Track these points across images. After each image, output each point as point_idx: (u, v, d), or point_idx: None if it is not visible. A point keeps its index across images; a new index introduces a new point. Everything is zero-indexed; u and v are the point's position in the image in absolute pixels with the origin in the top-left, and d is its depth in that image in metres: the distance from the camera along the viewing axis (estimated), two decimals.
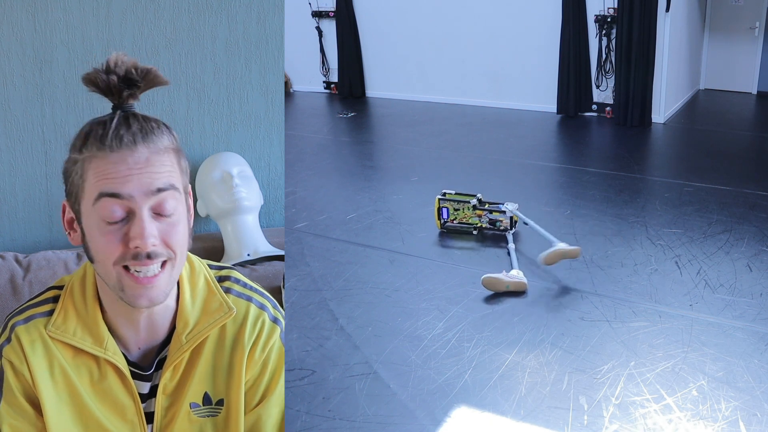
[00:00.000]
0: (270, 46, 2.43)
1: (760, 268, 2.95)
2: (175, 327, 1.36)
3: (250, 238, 2.29)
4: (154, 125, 1.24)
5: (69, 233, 1.31)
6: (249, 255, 2.26)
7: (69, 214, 1.30)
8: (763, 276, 2.88)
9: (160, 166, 1.22)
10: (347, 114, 6.62)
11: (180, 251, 1.27)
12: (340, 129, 6.12)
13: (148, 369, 1.36)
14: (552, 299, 2.76)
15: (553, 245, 2.93)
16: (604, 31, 6.03)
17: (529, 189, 4.19)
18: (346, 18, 7.26)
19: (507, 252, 3.17)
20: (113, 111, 1.26)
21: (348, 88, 7.45)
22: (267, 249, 2.30)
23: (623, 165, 4.70)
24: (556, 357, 2.34)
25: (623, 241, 3.28)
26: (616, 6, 5.86)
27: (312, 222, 3.65)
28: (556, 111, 6.32)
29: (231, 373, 1.38)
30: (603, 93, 6.22)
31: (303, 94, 7.69)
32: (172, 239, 1.24)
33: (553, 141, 5.79)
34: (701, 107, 6.94)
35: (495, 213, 3.42)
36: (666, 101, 6.01)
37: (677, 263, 3.02)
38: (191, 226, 1.34)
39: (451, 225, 3.47)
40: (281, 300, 2.09)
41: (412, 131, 5.85)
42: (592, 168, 4.60)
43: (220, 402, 1.38)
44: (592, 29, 6.12)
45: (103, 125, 1.22)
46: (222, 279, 1.42)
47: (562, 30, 6.12)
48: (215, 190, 2.30)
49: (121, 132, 1.20)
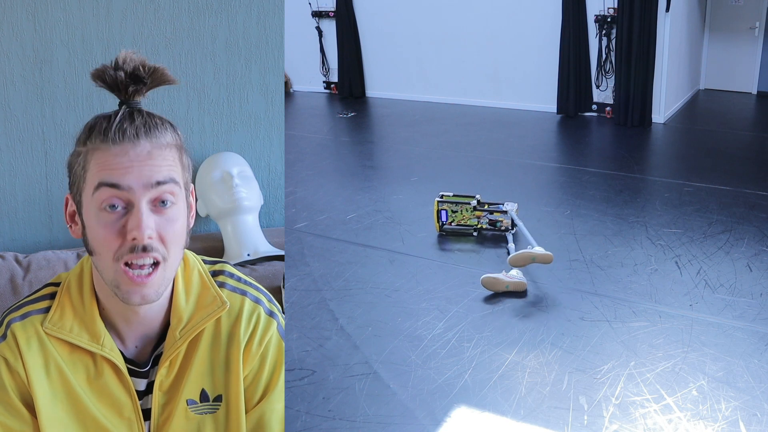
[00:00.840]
0: (270, 46, 2.42)
1: (760, 268, 2.95)
2: (170, 323, 1.36)
3: (250, 238, 2.29)
4: (158, 121, 1.26)
5: (70, 226, 1.33)
6: (249, 255, 2.26)
7: (71, 207, 1.31)
8: (763, 276, 2.88)
9: (161, 160, 1.24)
10: (347, 114, 6.62)
11: (174, 250, 1.27)
12: (340, 129, 6.12)
13: (144, 365, 1.36)
14: (552, 299, 2.76)
15: (527, 248, 2.92)
16: (604, 31, 6.03)
17: (529, 189, 4.19)
18: (346, 18, 7.26)
19: (507, 252, 3.16)
20: (120, 107, 1.28)
21: (348, 88, 7.45)
22: (267, 249, 2.30)
23: (623, 165, 4.70)
24: (556, 357, 2.34)
25: (623, 241, 3.28)
26: (616, 6, 5.86)
27: (312, 222, 3.65)
28: (556, 111, 6.32)
29: (229, 369, 1.37)
30: (603, 93, 6.22)
31: (303, 94, 7.69)
32: (168, 234, 1.25)
33: (553, 141, 5.79)
34: (701, 107, 6.94)
35: (496, 213, 3.42)
36: (666, 101, 6.01)
37: (677, 263, 3.02)
38: (191, 225, 1.35)
39: (449, 227, 3.47)
40: (281, 300, 2.09)
41: (412, 131, 5.85)
42: (592, 168, 4.60)
43: (218, 398, 1.38)
44: (592, 29, 6.12)
45: (108, 119, 1.24)
46: (216, 273, 1.42)
47: (562, 30, 6.12)
48: (215, 190, 2.29)
49: (125, 126, 1.23)
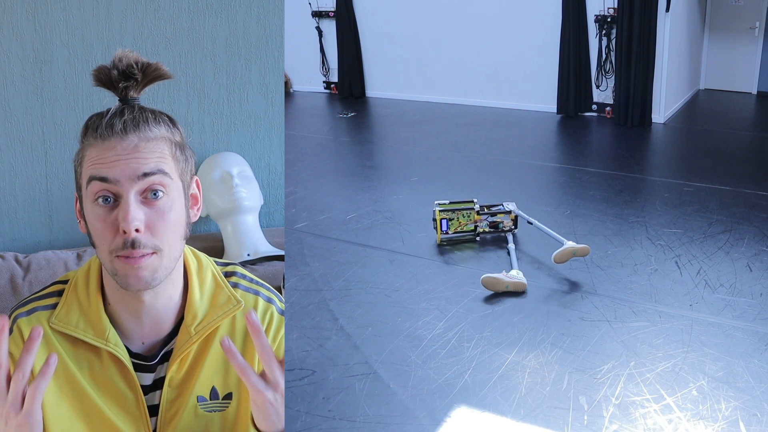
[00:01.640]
0: (270, 46, 2.43)
1: (760, 268, 2.95)
2: (182, 320, 1.38)
3: (250, 238, 2.29)
4: (149, 116, 1.29)
5: (79, 222, 1.37)
6: (249, 255, 2.26)
7: (78, 203, 1.35)
8: (763, 276, 2.88)
9: (148, 152, 1.27)
10: (347, 114, 6.62)
11: (169, 241, 1.29)
12: (340, 129, 6.12)
13: (151, 360, 1.37)
14: (552, 299, 2.76)
15: (563, 244, 2.95)
16: (604, 31, 6.03)
17: (529, 189, 4.18)
18: (346, 18, 7.26)
19: (507, 252, 3.16)
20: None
21: (348, 88, 7.45)
22: (267, 249, 2.30)
23: (623, 165, 4.70)
24: (556, 357, 2.34)
25: (623, 241, 3.28)
26: (616, 6, 5.86)
27: (312, 222, 3.65)
28: (556, 111, 6.32)
29: None
30: (603, 93, 6.22)
31: (303, 94, 7.69)
32: (159, 226, 1.27)
33: (553, 141, 5.78)
34: (701, 107, 6.93)
35: (499, 215, 3.37)
36: (666, 101, 6.00)
37: (677, 263, 3.02)
38: (195, 218, 1.37)
39: (446, 236, 3.34)
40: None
41: (412, 131, 5.85)
42: (592, 168, 4.60)
43: (228, 396, 1.39)
44: (592, 29, 6.12)
45: (101, 116, 1.28)
46: (228, 275, 1.46)
47: (562, 30, 6.12)
48: (215, 190, 2.30)
49: (114, 121, 1.26)
